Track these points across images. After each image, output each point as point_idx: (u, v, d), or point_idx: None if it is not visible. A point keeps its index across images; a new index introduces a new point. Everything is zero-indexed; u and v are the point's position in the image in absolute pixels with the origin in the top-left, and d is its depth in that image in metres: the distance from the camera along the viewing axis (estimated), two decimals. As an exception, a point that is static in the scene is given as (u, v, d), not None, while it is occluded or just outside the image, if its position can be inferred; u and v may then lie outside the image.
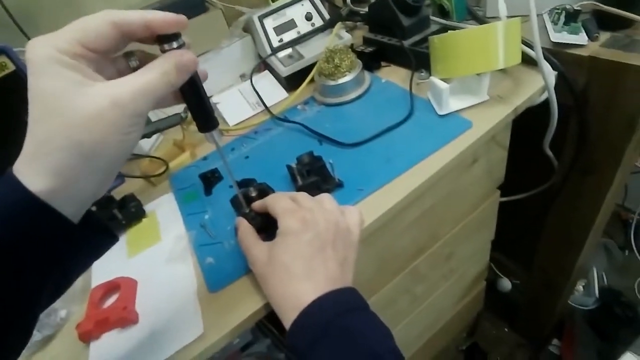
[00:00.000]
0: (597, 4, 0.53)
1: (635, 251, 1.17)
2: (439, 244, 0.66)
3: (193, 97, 0.32)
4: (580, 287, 1.13)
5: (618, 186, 0.64)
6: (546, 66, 0.49)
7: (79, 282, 0.48)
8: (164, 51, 0.28)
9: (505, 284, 1.17)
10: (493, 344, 1.18)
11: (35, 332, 0.43)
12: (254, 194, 0.43)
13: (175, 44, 0.28)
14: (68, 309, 0.46)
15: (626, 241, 1.24)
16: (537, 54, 0.47)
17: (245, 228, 0.40)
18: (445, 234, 0.65)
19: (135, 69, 0.30)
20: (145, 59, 0.30)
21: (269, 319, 0.70)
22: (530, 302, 1.07)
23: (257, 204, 0.42)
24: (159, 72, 0.27)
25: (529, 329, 1.14)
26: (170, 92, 0.28)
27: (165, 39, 0.28)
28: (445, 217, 0.62)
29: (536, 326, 1.11)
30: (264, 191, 0.44)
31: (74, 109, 0.23)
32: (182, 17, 0.28)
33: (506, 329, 1.21)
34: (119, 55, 0.29)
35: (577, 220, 0.71)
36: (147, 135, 0.61)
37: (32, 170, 0.23)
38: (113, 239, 0.30)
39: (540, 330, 1.11)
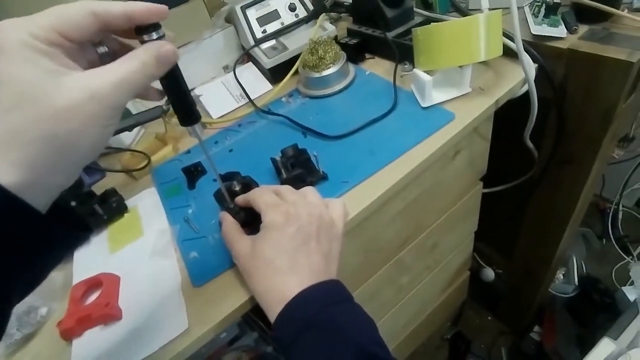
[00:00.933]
0: (577, -3, 0.54)
1: (613, 240, 1.22)
2: (424, 235, 0.66)
3: (174, 89, 0.31)
4: (560, 275, 1.17)
5: (595, 176, 0.66)
6: (526, 59, 0.50)
7: (59, 279, 0.47)
8: (143, 42, 0.28)
9: (489, 273, 1.20)
10: (477, 332, 1.21)
11: (14, 330, 0.42)
12: (237, 188, 0.43)
13: (155, 35, 0.28)
14: (49, 306, 0.45)
15: (604, 230, 1.28)
16: (518, 46, 0.48)
17: (229, 223, 0.40)
18: (429, 225, 0.66)
19: (104, 56, 0.29)
20: (115, 47, 0.30)
21: (255, 313, 0.70)
22: (512, 291, 1.10)
23: (240, 199, 0.41)
24: (139, 63, 0.26)
25: (511, 316, 1.17)
26: (150, 83, 0.27)
27: (144, 30, 0.27)
28: (429, 209, 0.63)
29: (518, 314, 1.14)
30: (248, 185, 0.44)
31: (49, 100, 0.22)
32: (163, 7, 0.27)
33: (489, 318, 1.24)
34: (88, 44, 0.28)
35: (557, 210, 0.73)
36: (128, 129, 0.60)
37: (3, 162, 0.22)
38: (86, 232, 0.30)
39: (522, 318, 1.14)
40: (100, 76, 0.24)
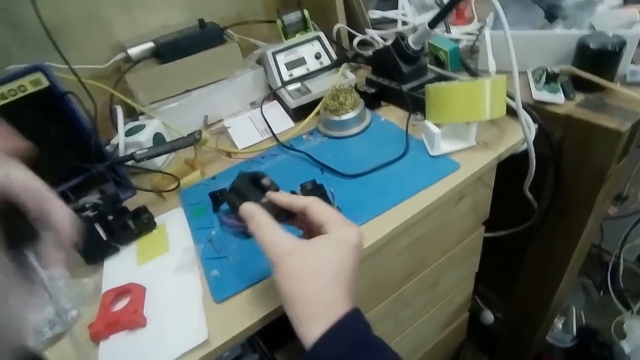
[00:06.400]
0: (574, 69, 0.61)
1: (611, 292, 1.23)
2: (427, 271, 0.70)
3: None
4: (559, 324, 1.18)
5: (591, 229, 0.70)
6: (526, 121, 0.56)
7: (90, 286, 0.52)
8: None
9: (488, 316, 1.21)
10: (473, 376, 1.21)
11: (47, 329, 0.46)
12: (268, 183, 0.40)
13: None
14: (78, 309, 0.49)
15: (602, 282, 1.29)
16: (518, 110, 0.54)
17: (264, 216, 0.37)
18: (432, 262, 0.70)
19: None
20: None
21: (259, 334, 0.73)
22: (511, 335, 1.11)
23: (282, 198, 0.39)
24: None
25: (509, 362, 1.18)
26: None
27: None
28: (433, 247, 0.67)
29: (515, 359, 1.14)
30: (276, 188, 0.41)
31: None
32: None
33: (487, 361, 1.24)
34: None
35: (554, 258, 0.77)
36: (163, 153, 0.66)
37: None
38: None
39: (519, 364, 1.14)
40: None
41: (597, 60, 0.58)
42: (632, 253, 1.32)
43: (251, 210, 0.37)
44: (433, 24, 0.62)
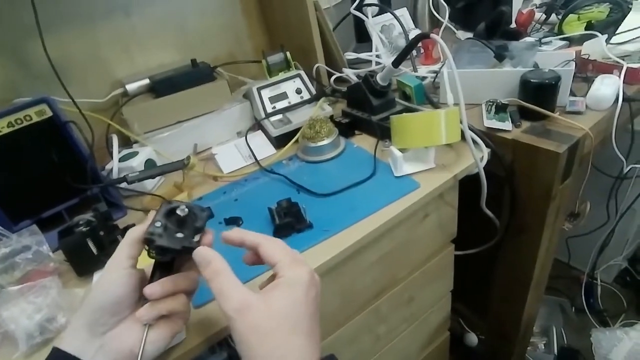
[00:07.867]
0: (519, 100, 0.69)
1: (587, 312, 1.26)
2: (399, 287, 0.75)
3: None
4: (541, 344, 1.20)
5: (548, 245, 0.76)
6: (476, 143, 0.63)
7: (80, 295, 0.56)
8: None
9: (472, 338, 1.23)
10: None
11: (37, 334, 0.50)
12: (182, 215, 0.39)
13: None
14: (67, 317, 0.53)
15: (580, 302, 1.33)
16: (466, 135, 0.61)
17: (222, 262, 0.35)
18: (404, 278, 0.75)
19: None
20: None
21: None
22: (491, 355, 1.13)
23: (234, 236, 0.38)
24: None
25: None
26: None
27: None
28: (403, 262, 0.72)
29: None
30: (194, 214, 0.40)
31: None
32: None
33: (471, 385, 1.24)
34: None
35: (518, 274, 0.82)
36: (154, 177, 0.72)
37: None
38: None
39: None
40: None
41: (537, 92, 0.67)
42: (609, 274, 1.37)
43: (208, 255, 0.35)
44: (396, 63, 0.71)
